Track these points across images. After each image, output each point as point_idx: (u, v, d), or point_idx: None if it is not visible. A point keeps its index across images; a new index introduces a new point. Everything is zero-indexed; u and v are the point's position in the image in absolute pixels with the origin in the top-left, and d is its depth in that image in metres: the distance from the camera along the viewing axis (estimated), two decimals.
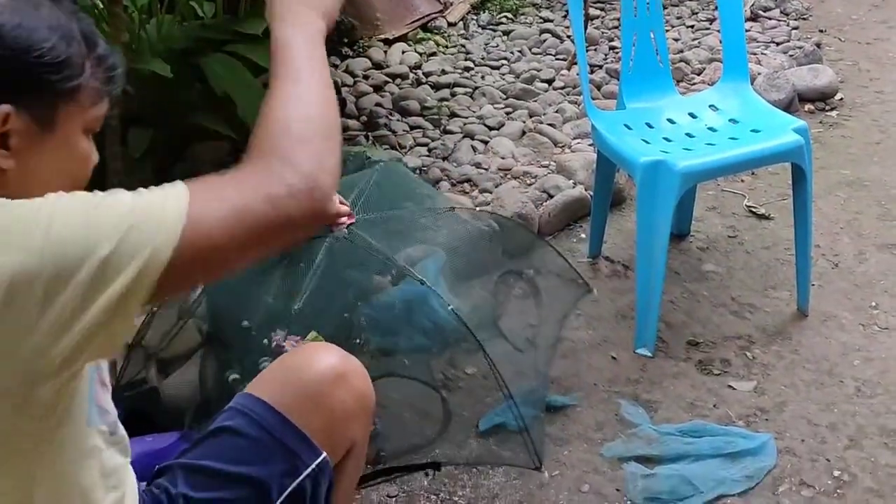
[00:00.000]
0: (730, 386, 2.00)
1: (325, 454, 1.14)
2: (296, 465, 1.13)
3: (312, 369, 1.18)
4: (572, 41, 3.59)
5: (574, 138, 2.99)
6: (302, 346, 1.49)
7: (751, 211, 2.68)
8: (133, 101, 2.35)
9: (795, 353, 2.10)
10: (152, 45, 2.49)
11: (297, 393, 1.16)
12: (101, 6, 2.40)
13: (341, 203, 1.56)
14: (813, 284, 2.27)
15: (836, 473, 1.76)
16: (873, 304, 2.26)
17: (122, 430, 1.04)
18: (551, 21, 4.09)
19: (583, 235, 2.53)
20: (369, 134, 3.00)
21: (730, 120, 2.25)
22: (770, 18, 4.04)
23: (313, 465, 1.13)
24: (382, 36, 3.80)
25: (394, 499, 1.74)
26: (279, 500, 1.11)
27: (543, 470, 1.78)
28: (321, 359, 1.20)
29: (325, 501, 1.16)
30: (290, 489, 1.12)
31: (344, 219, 1.59)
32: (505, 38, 3.96)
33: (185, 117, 2.54)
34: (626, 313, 2.22)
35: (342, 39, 3.66)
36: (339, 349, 1.24)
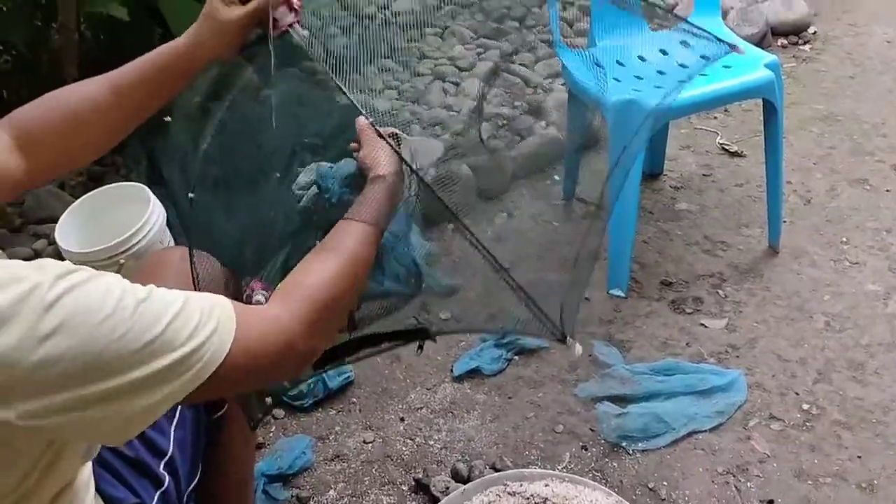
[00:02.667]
0: (702, 324, 2.04)
1: None
2: None
3: None
4: None
5: (546, 78, 2.98)
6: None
7: (723, 148, 2.70)
8: (90, 47, 2.30)
9: (766, 289, 2.13)
10: None
11: None
12: None
13: None
14: (784, 221, 2.30)
15: (805, 407, 1.81)
16: (844, 239, 2.30)
17: None
18: None
19: (556, 177, 2.54)
20: (334, 78, 2.96)
21: (700, 56, 2.25)
22: None
23: None
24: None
25: (370, 444, 1.77)
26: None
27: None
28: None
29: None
30: None
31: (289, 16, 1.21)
32: None
33: None
34: (599, 254, 2.24)
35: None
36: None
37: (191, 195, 1.09)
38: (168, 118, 1.26)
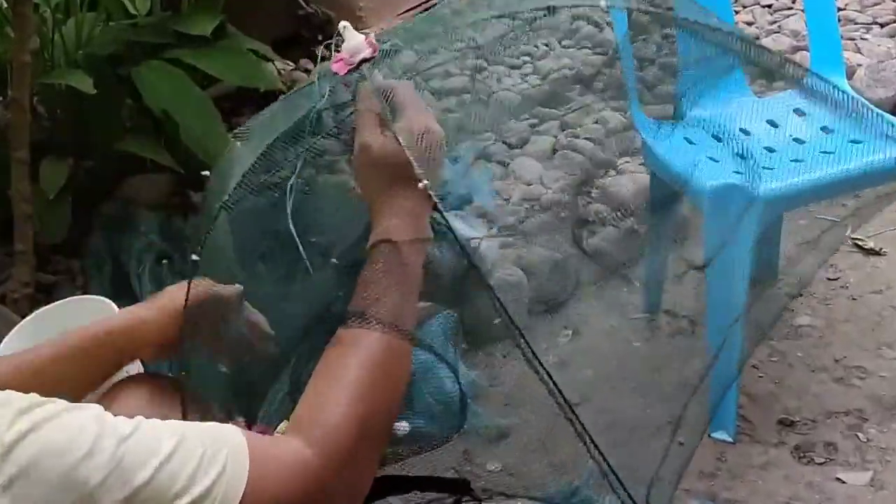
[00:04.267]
0: (838, 478, 1.99)
1: None
2: None
3: None
4: (613, 30, 3.62)
5: (620, 156, 3.01)
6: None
7: (856, 245, 2.68)
8: (45, 125, 2.38)
9: None
10: (69, 53, 2.54)
11: None
12: (5, 5, 2.45)
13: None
14: None
15: None
16: None
17: None
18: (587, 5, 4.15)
19: (636, 283, 2.54)
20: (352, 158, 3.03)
21: (821, 128, 2.26)
22: None
23: None
24: (368, 31, 3.85)
25: None
26: None
27: None
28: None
29: None
30: None
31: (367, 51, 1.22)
32: (527, 27, 4.00)
33: (112, 144, 2.58)
34: (696, 384, 2.21)
35: (316, 37, 3.71)
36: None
37: (194, 257, 1.10)
38: (207, 172, 1.29)
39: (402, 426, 1.42)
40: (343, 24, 1.21)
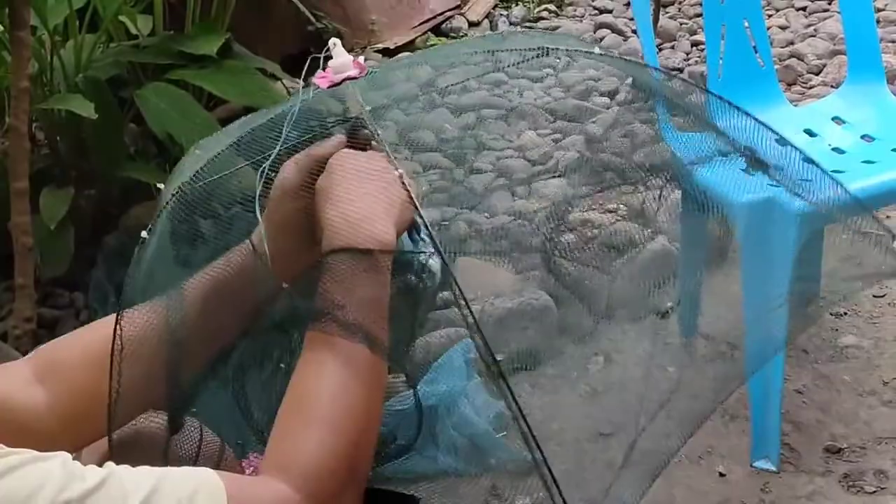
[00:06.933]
0: None
1: None
2: None
3: None
4: (639, 38, 3.63)
5: (649, 171, 3.00)
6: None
7: None
8: (45, 153, 2.39)
9: None
10: (69, 77, 2.56)
11: None
12: (1, 28, 2.47)
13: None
14: None
15: None
16: None
17: None
18: (609, 12, 4.16)
19: (669, 304, 2.52)
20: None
21: (862, 136, 2.25)
22: None
23: None
24: (380, 45, 3.88)
25: None
26: None
27: None
28: None
29: None
30: None
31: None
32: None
33: (115, 170, 2.59)
34: (737, 412, 2.20)
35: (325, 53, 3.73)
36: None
37: (144, 234, 1.13)
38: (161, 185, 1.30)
39: None
40: (333, 40, 1.24)
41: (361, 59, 1.26)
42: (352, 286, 0.99)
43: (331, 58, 1.24)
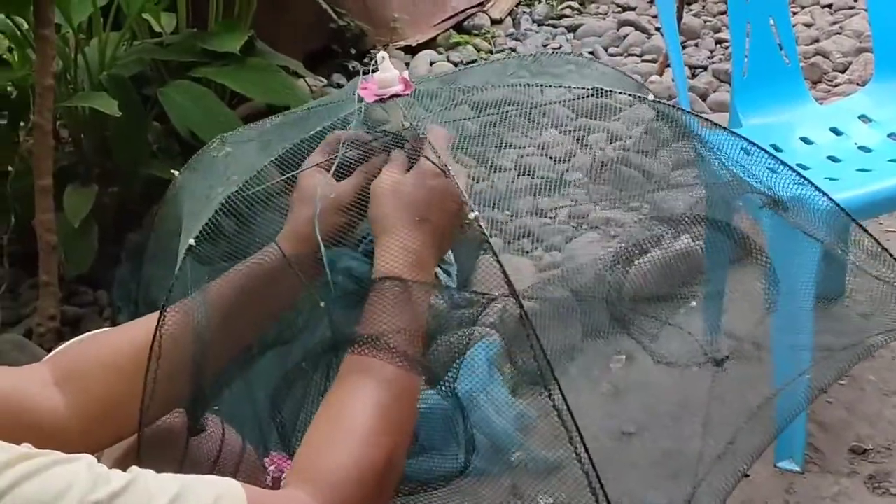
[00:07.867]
0: None
1: None
2: None
3: None
4: (662, 35, 3.62)
5: (674, 169, 3.00)
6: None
7: None
8: (69, 151, 2.40)
9: None
10: (93, 75, 2.57)
11: None
12: (26, 27, 2.49)
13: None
14: None
15: None
16: None
17: None
18: (633, 10, 4.15)
19: (693, 304, 2.51)
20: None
21: (889, 135, 2.24)
22: None
23: None
24: (403, 42, 3.88)
25: None
26: None
27: None
28: None
29: None
30: None
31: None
32: (570, 35, 4.02)
33: (139, 168, 2.60)
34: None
35: (348, 51, 3.74)
36: None
37: (191, 242, 1.14)
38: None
39: None
40: (382, 54, 1.26)
41: (406, 74, 1.28)
42: (398, 313, 1.03)
43: (377, 70, 1.26)
